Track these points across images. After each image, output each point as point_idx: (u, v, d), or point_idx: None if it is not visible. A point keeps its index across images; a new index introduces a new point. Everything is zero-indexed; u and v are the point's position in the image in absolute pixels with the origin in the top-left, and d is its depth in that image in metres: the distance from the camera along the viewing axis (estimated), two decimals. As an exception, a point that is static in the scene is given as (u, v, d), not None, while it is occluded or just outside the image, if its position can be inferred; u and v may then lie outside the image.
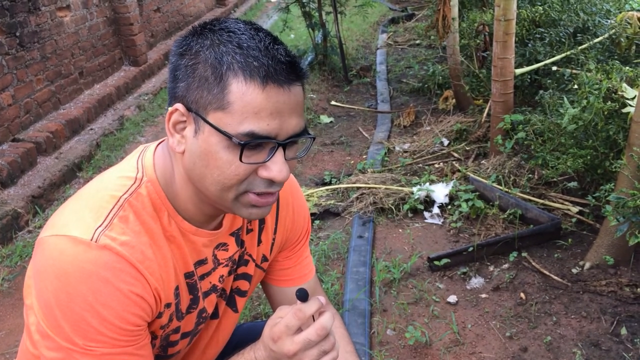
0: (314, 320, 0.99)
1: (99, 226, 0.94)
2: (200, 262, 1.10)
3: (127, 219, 0.97)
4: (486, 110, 4.23)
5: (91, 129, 4.80)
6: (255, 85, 0.90)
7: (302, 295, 0.99)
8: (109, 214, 0.96)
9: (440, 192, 3.41)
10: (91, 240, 0.92)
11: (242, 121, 0.91)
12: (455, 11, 4.40)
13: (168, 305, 1.05)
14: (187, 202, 1.03)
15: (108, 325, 0.93)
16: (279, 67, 0.91)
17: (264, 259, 1.26)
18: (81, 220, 0.95)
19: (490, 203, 3.27)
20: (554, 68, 3.73)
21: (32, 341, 0.97)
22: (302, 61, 1.07)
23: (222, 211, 1.05)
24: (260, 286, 1.38)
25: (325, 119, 5.15)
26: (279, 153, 0.94)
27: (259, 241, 1.22)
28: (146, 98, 5.63)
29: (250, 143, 0.91)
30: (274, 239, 1.25)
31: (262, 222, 1.22)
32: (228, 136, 0.91)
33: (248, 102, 0.90)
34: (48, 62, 4.62)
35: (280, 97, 0.92)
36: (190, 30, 0.98)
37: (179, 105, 0.95)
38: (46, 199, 3.78)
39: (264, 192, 0.97)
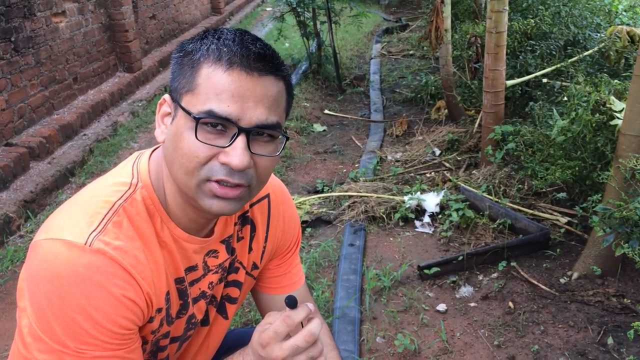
0: (302, 327, 1.01)
1: (93, 231, 0.95)
2: (191, 269, 1.12)
3: (120, 224, 0.98)
4: (477, 121, 4.27)
5: (84, 135, 4.80)
6: (221, 68, 0.94)
7: (291, 302, 1.00)
8: (103, 219, 0.97)
9: (431, 201, 3.44)
10: (85, 244, 0.93)
11: (205, 101, 0.94)
12: (448, 23, 4.45)
13: (159, 310, 1.06)
14: (175, 205, 1.05)
15: (100, 328, 0.94)
16: (246, 53, 0.94)
17: (255, 266, 1.27)
18: (75, 224, 0.96)
19: (481, 213, 3.30)
20: (544, 80, 3.78)
21: (24, 344, 0.98)
22: (280, 58, 1.06)
23: (206, 215, 1.05)
24: (250, 293, 1.40)
25: (318, 127, 5.18)
26: (240, 140, 0.95)
27: (250, 249, 1.24)
28: (140, 104, 5.64)
29: (204, 119, 0.93)
30: (264, 247, 1.27)
31: (253, 230, 1.23)
32: (188, 112, 0.95)
33: (212, 84, 0.94)
34: (42, 68, 4.63)
35: (245, 82, 0.94)
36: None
37: (166, 96, 1.02)
38: (38, 204, 3.78)
39: (223, 179, 0.96)
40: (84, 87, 5.33)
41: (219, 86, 0.93)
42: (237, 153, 0.94)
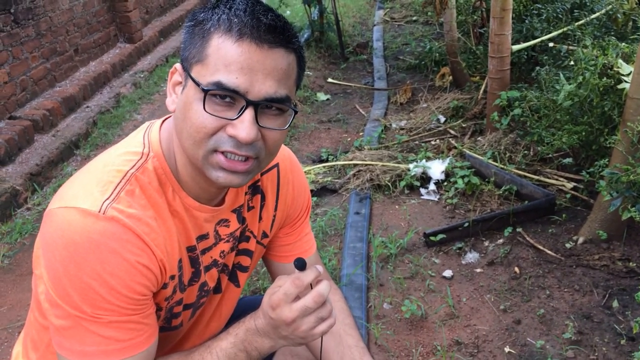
0: (312, 289, 1.02)
1: (107, 199, 0.96)
2: (202, 237, 1.13)
3: (133, 193, 0.99)
4: (483, 87, 4.23)
5: (87, 107, 4.78)
6: (231, 39, 0.93)
7: (300, 264, 1.02)
8: (116, 187, 0.98)
9: (436, 168, 3.44)
10: (99, 212, 0.94)
11: (214, 72, 0.93)
12: (452, -13, 4.38)
13: (172, 277, 1.08)
14: (186, 175, 1.06)
15: (115, 294, 0.96)
16: (257, 24, 0.93)
17: (265, 235, 1.28)
18: (89, 193, 0.97)
19: (486, 179, 3.30)
20: (551, 44, 3.72)
21: (41, 311, 1.00)
22: (293, 30, 1.04)
23: (216, 185, 1.06)
24: (262, 260, 1.41)
25: (322, 96, 5.15)
26: (248, 112, 0.95)
27: (260, 218, 1.25)
28: (142, 75, 5.60)
29: (212, 90, 0.93)
30: (274, 216, 1.27)
31: (263, 199, 1.24)
32: (197, 83, 0.94)
33: (222, 55, 0.93)
34: (43, 39, 4.59)
35: (255, 54, 0.93)
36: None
37: (177, 65, 1.02)
38: (44, 177, 3.79)
39: (230, 151, 0.96)
40: (85, 58, 5.29)
41: (228, 57, 0.93)
42: (244, 126, 0.94)
